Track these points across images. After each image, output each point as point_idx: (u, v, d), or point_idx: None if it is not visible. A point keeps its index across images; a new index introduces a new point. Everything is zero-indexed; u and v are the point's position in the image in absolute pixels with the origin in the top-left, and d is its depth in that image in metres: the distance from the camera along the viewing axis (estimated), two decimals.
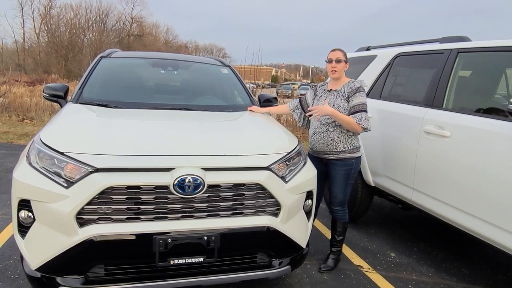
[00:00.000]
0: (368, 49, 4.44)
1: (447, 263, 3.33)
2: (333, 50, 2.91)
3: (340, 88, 2.90)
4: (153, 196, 1.98)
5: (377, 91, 3.84)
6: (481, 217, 2.58)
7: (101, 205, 1.92)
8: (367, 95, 3.92)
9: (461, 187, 2.72)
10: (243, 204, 2.15)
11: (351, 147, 2.88)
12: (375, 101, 3.78)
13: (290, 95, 28.22)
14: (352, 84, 2.87)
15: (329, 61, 2.88)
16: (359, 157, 2.95)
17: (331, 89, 2.96)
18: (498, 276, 3.17)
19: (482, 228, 2.58)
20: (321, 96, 3.02)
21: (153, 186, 1.97)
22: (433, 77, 3.17)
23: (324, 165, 2.92)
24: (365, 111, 2.78)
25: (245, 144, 2.38)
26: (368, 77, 4.02)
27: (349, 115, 2.78)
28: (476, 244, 3.69)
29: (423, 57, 3.48)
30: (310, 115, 2.89)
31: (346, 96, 2.84)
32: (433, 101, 3.09)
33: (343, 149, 2.86)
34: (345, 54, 2.91)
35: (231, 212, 2.13)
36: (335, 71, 2.87)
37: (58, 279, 1.97)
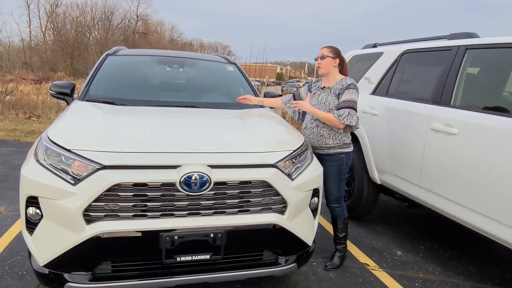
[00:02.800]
0: (374, 46, 4.41)
1: (454, 262, 3.31)
2: (320, 48, 3.00)
3: (332, 85, 2.93)
4: (160, 193, 1.98)
5: (383, 88, 3.82)
6: (489, 215, 2.55)
7: (108, 202, 1.93)
8: (374, 92, 3.91)
9: (468, 185, 2.69)
10: (249, 201, 2.15)
11: (341, 143, 2.91)
12: (381, 98, 3.76)
13: (295, 92, 28.05)
14: (344, 82, 2.89)
15: (315, 59, 2.98)
16: (350, 153, 2.98)
17: (324, 87, 2.99)
18: (505, 275, 3.15)
19: (490, 226, 2.56)
20: (314, 93, 3.05)
21: (160, 183, 1.97)
22: (441, 74, 3.14)
23: None
24: (351, 107, 2.78)
25: (251, 142, 2.38)
26: (374, 74, 3.99)
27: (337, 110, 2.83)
28: (483, 243, 3.66)
29: (430, 54, 3.45)
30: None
31: (337, 93, 2.87)
32: (441, 98, 3.06)
33: (333, 145, 2.90)
34: (332, 51, 2.92)
35: (237, 209, 2.13)
36: (320, 67, 2.94)
37: (66, 276, 1.98)
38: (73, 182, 1.93)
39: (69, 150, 2.00)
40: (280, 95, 3.71)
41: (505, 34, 2.75)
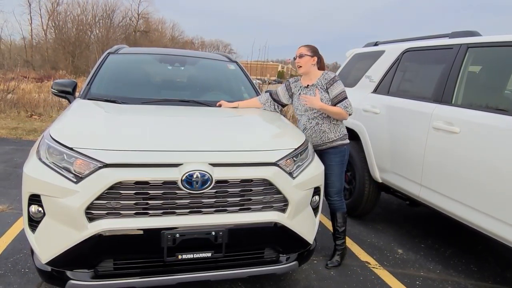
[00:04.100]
0: (376, 44, 4.41)
1: (455, 260, 3.32)
2: (298, 47, 3.01)
3: (316, 82, 2.96)
4: (161, 191, 1.99)
5: (385, 86, 3.82)
6: (490, 214, 2.56)
7: (110, 200, 1.94)
8: (375, 90, 3.91)
9: (469, 183, 2.69)
10: (250, 199, 2.15)
11: (341, 135, 2.99)
12: (383, 97, 3.76)
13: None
14: (327, 76, 2.95)
15: (294, 58, 3.00)
16: (349, 144, 3.06)
17: (308, 85, 3.00)
18: (506, 273, 3.15)
19: (491, 224, 2.56)
20: (299, 93, 3.06)
21: (161, 182, 1.98)
22: (442, 72, 3.14)
23: (318, 157, 2.94)
24: (347, 97, 2.91)
25: (252, 140, 2.38)
26: (376, 72, 3.99)
27: (333, 105, 2.89)
28: (484, 241, 3.67)
29: (432, 52, 3.45)
30: (283, 106, 3.25)
31: (325, 88, 2.92)
32: (442, 97, 3.06)
33: (335, 138, 2.96)
34: (310, 49, 2.98)
35: (238, 207, 2.14)
36: (300, 66, 2.96)
37: (68, 273, 1.99)
38: (75, 180, 1.94)
39: (71, 149, 2.01)
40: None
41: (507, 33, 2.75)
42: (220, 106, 3.14)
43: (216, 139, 2.32)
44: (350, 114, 2.93)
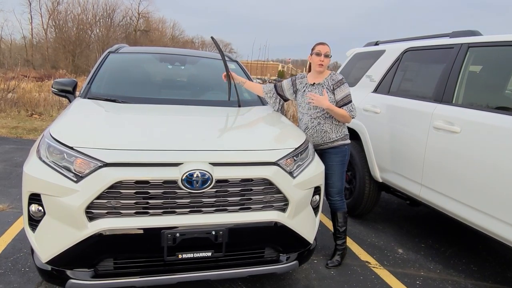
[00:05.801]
0: (376, 43, 4.40)
1: (455, 260, 3.32)
2: (321, 44, 2.96)
3: (323, 81, 2.95)
4: (162, 190, 1.99)
5: (385, 86, 3.81)
6: (490, 214, 2.55)
7: (110, 200, 1.94)
8: (376, 90, 3.91)
9: (470, 183, 2.69)
10: (250, 199, 2.15)
11: (342, 135, 2.99)
12: (383, 97, 3.76)
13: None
14: (335, 77, 2.94)
15: (318, 54, 2.92)
16: (350, 144, 3.06)
17: (314, 83, 2.98)
18: (507, 273, 3.15)
19: (491, 224, 2.56)
20: (304, 90, 3.05)
21: (162, 181, 1.98)
22: (443, 72, 3.13)
23: (319, 156, 2.94)
24: (352, 101, 2.92)
25: (253, 139, 2.38)
26: (376, 72, 3.99)
27: (338, 107, 2.88)
28: (484, 241, 3.67)
29: (432, 52, 3.44)
30: (286, 100, 3.26)
31: (332, 88, 2.91)
32: (443, 96, 3.06)
33: (336, 138, 2.96)
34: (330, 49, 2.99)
35: (239, 207, 2.14)
36: (322, 65, 2.92)
37: (68, 272, 1.99)
38: (75, 179, 1.94)
39: (71, 148, 2.01)
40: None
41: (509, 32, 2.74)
42: (231, 74, 3.19)
43: (216, 138, 2.32)
44: (353, 118, 2.94)
